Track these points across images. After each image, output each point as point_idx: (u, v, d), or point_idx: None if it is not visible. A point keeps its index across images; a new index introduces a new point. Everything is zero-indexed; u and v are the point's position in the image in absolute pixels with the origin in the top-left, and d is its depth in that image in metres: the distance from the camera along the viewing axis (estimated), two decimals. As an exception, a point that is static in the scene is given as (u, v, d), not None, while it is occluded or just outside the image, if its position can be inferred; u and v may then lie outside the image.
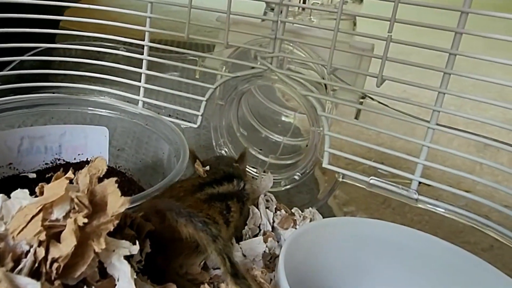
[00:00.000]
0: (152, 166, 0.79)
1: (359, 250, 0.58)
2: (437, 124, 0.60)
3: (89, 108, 0.80)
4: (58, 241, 0.41)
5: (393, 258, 0.58)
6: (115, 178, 0.46)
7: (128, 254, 0.44)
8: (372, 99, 0.67)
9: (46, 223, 0.42)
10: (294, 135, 0.86)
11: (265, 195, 0.66)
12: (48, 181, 0.46)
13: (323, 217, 0.64)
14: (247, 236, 0.60)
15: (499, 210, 0.59)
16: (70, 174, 0.46)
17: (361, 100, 0.68)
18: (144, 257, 0.47)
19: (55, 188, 0.44)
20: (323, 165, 0.68)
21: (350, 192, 0.76)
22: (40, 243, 0.41)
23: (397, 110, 0.64)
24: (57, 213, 0.43)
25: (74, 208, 0.43)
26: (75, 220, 0.41)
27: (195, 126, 0.80)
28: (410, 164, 0.64)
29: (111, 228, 0.43)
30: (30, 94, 0.78)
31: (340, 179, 0.68)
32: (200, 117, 0.79)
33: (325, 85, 0.71)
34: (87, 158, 0.81)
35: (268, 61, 0.72)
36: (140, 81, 0.83)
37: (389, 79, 0.61)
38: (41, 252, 0.40)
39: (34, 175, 0.77)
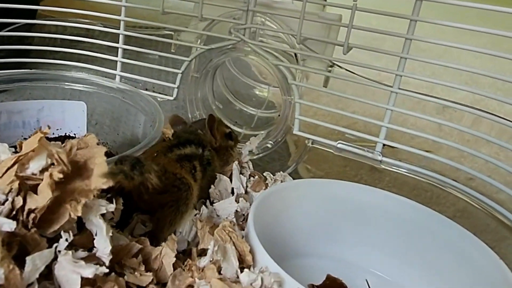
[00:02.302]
0: (130, 138, 0.82)
1: (327, 209, 0.62)
2: (399, 88, 0.64)
3: (67, 84, 0.82)
4: (36, 193, 0.45)
5: (362, 218, 0.62)
6: (105, 149, 0.49)
7: (105, 212, 0.47)
8: (340, 67, 0.71)
9: (21, 174, 0.45)
10: (268, 107, 0.90)
11: (244, 162, 0.70)
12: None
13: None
14: (215, 195, 0.64)
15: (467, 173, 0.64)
16: (46, 129, 0.48)
17: (330, 68, 0.72)
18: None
19: (30, 143, 0.47)
20: (294, 132, 0.73)
21: (325, 168, 0.79)
22: (18, 193, 0.44)
23: (364, 77, 0.68)
24: (33, 167, 0.46)
25: (53, 164, 0.46)
26: (51, 175, 0.44)
27: (172, 98, 0.83)
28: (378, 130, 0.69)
29: (91, 197, 0.45)
30: (7, 70, 0.79)
31: (310, 145, 0.72)
32: (176, 90, 0.83)
33: (296, 56, 0.75)
34: (65, 133, 0.83)
35: (241, 33, 0.75)
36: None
37: (355, 46, 0.65)
38: (19, 200, 0.43)
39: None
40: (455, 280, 0.56)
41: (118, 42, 0.85)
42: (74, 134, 0.84)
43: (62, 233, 0.44)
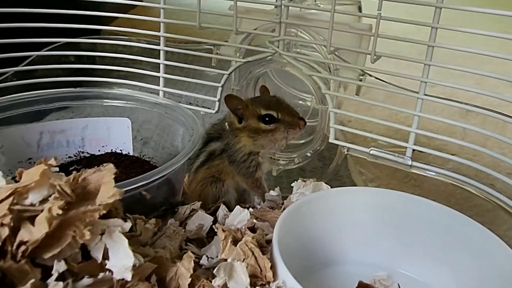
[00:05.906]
0: (173, 152, 0.91)
1: (357, 216, 0.71)
2: (425, 95, 0.73)
3: (110, 101, 0.93)
4: (33, 224, 0.48)
5: (392, 222, 0.71)
6: (114, 170, 0.54)
7: (121, 231, 0.51)
8: (370, 75, 0.80)
9: (17, 207, 0.49)
10: (312, 116, 0.97)
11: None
12: (71, 174, 0.54)
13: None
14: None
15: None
16: (52, 161, 0.54)
17: (361, 77, 0.82)
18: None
19: (32, 174, 0.51)
20: (330, 141, 0.82)
21: (376, 172, 0.89)
22: (2, 223, 0.48)
23: (392, 84, 0.78)
24: (33, 198, 0.50)
25: (56, 196, 0.50)
26: (50, 210, 0.48)
27: (213, 111, 0.93)
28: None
29: (97, 216, 0.49)
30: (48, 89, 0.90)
31: (345, 152, 0.82)
32: (217, 103, 0.93)
33: (329, 66, 0.84)
34: (111, 150, 0.94)
35: (275, 45, 0.85)
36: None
37: (382, 55, 0.74)
38: (4, 231, 0.47)
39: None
40: (479, 281, 0.64)
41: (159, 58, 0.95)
42: (121, 150, 0.95)
43: (55, 263, 0.48)
